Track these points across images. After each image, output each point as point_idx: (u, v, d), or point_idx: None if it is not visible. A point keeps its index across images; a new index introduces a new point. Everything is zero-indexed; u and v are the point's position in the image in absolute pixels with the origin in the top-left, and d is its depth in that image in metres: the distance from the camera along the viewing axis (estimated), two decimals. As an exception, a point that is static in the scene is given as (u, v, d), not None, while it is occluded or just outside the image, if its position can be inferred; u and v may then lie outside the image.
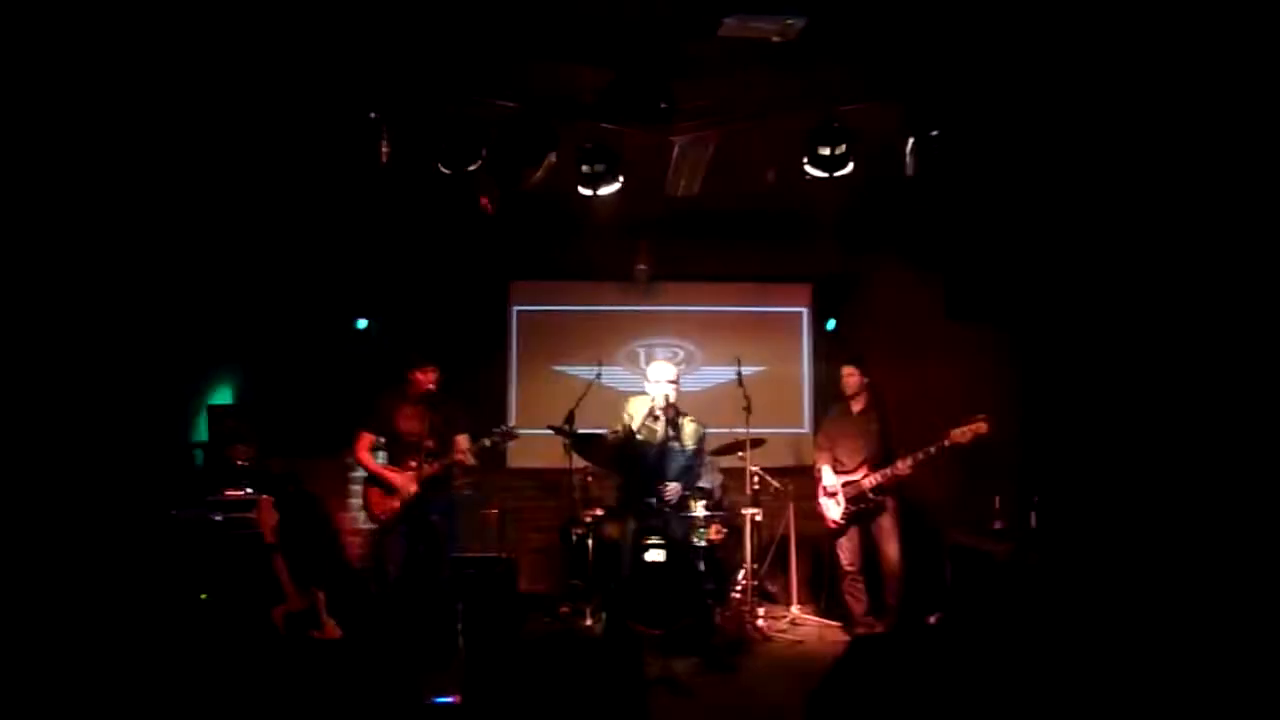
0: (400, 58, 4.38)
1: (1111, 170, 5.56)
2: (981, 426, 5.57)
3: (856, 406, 6.14)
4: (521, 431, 5.73)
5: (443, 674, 4.87)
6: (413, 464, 5.37)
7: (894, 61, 4.38)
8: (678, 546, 5.55)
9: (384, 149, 4.39)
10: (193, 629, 4.96)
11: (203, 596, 5.10)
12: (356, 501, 6.38)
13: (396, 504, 5.43)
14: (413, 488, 5.38)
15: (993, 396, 6.64)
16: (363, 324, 7.16)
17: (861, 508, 5.96)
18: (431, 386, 5.56)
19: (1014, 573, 5.79)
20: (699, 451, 5.52)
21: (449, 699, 4.32)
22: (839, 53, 4.27)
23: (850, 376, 6.11)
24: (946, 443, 5.64)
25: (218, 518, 5.28)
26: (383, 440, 5.68)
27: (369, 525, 6.03)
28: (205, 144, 5.10)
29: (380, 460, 5.61)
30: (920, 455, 5.72)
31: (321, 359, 6.95)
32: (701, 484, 5.86)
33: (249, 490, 5.39)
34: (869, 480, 5.90)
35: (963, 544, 6.27)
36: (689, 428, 5.48)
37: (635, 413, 5.51)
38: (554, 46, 4.29)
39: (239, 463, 5.46)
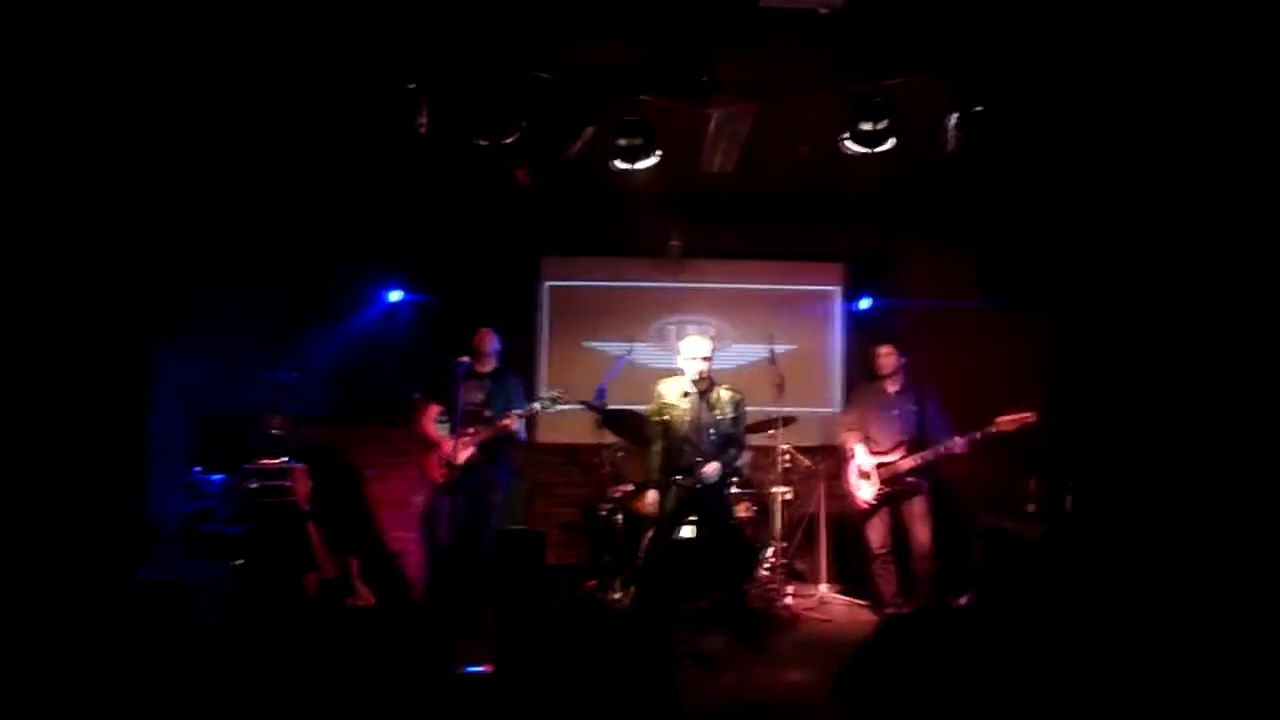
0: (439, 28, 4.36)
1: (1150, 154, 5.47)
2: (1029, 417, 5.55)
3: (892, 387, 6.09)
4: (566, 400, 5.74)
5: (474, 643, 4.92)
6: (470, 432, 5.44)
7: (938, 35, 4.30)
8: (710, 524, 5.54)
9: (422, 120, 4.36)
10: (226, 594, 5.03)
11: (237, 562, 5.17)
12: (392, 471, 6.44)
13: (449, 470, 5.48)
14: (466, 453, 5.44)
15: (1028, 377, 6.60)
16: (394, 297, 7.19)
17: (895, 489, 5.92)
18: (492, 351, 5.62)
19: (1046, 555, 5.76)
20: (738, 419, 5.47)
21: (480, 669, 4.35)
22: (882, 26, 4.20)
23: (888, 356, 6.06)
24: (994, 429, 5.61)
25: (253, 485, 5.35)
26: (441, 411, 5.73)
27: (421, 494, 6.12)
28: (245, 116, 5.12)
29: (443, 430, 5.65)
30: (971, 438, 5.69)
31: (354, 331, 7.00)
32: (738, 460, 5.83)
33: (284, 459, 5.45)
34: (907, 462, 5.85)
35: (995, 526, 6.24)
36: (725, 395, 5.44)
37: (667, 392, 5.49)
38: (592, 18, 4.25)
39: (275, 431, 5.51)
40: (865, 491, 6.01)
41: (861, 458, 6.05)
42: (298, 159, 5.90)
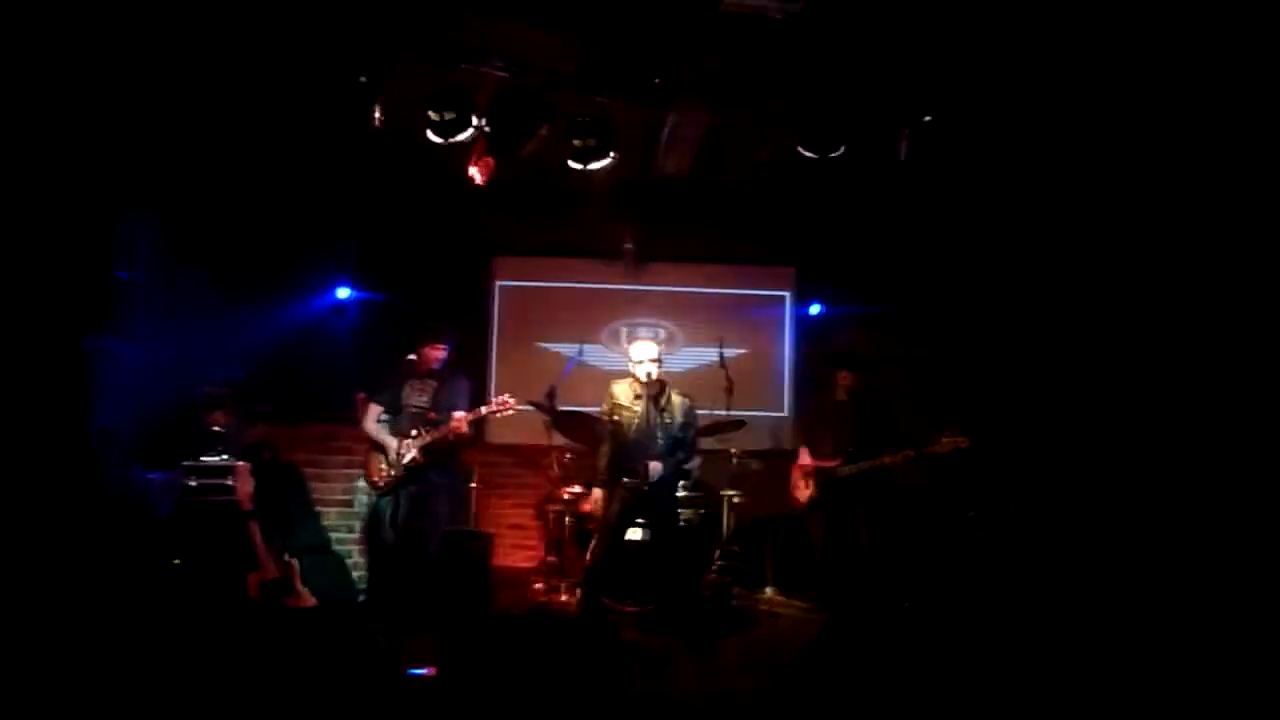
0: (392, 22, 4.32)
1: (1093, 162, 5.60)
2: (963, 442, 5.65)
3: (840, 395, 6.18)
4: (519, 405, 5.68)
5: (418, 645, 4.87)
6: (413, 433, 5.37)
7: (891, 45, 4.36)
8: (659, 526, 5.55)
9: (377, 114, 4.32)
10: (165, 595, 4.93)
11: (175, 562, 5.06)
12: (337, 471, 6.35)
13: (394, 471, 5.41)
14: (411, 455, 5.36)
15: (969, 387, 6.72)
16: (343, 294, 7.10)
17: (831, 493, 6.01)
18: (439, 362, 5.55)
19: (987, 558, 5.87)
20: (688, 425, 5.50)
21: (424, 670, 4.31)
22: (835, 33, 4.25)
23: (844, 380, 6.13)
24: (927, 449, 5.72)
25: (193, 483, 5.24)
26: (383, 411, 5.65)
27: (366, 493, 6.04)
28: (192, 108, 5.03)
29: (384, 430, 5.57)
30: (902, 456, 5.80)
31: (301, 328, 6.90)
32: (687, 465, 5.85)
33: (226, 457, 5.34)
34: (845, 470, 5.95)
35: (937, 529, 6.35)
36: (676, 400, 5.47)
37: (619, 394, 5.49)
38: (549, 17, 4.24)
39: (216, 429, 5.40)
40: (802, 492, 6.10)
41: (805, 460, 6.13)
42: (248, 152, 5.80)
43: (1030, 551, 5.86)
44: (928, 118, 4.49)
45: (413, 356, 5.53)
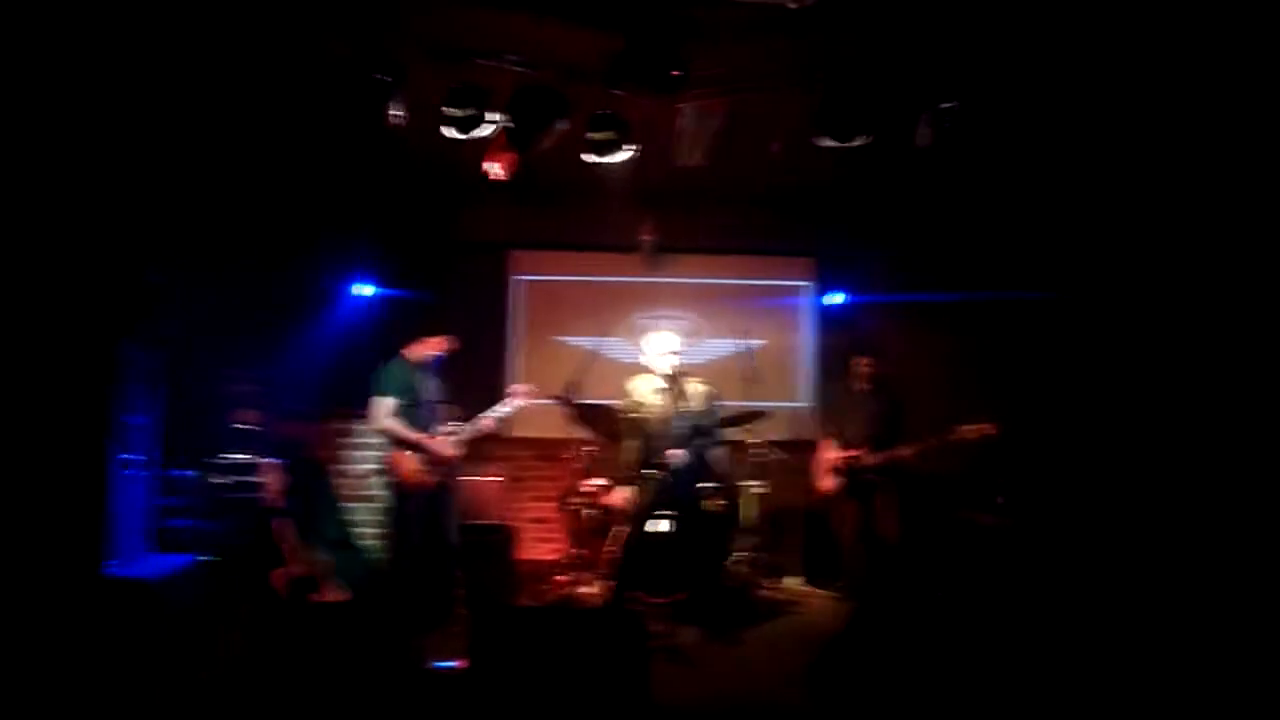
0: (406, 16, 4.33)
1: (1110, 161, 5.55)
2: (989, 429, 5.63)
3: (862, 384, 6.18)
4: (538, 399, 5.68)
5: (444, 639, 4.91)
6: (452, 430, 5.36)
7: (909, 31, 4.33)
8: (683, 517, 5.55)
9: (394, 113, 4.33)
10: (196, 591, 4.98)
11: (208, 558, 5.12)
12: (358, 466, 6.38)
13: (435, 470, 5.36)
14: (452, 452, 5.37)
15: (993, 375, 6.68)
16: (363, 291, 7.14)
17: (855, 483, 6.00)
18: (444, 353, 5.54)
19: (1014, 548, 5.85)
20: (709, 412, 5.50)
21: (451, 664, 4.34)
22: (852, 21, 4.22)
23: (866, 367, 6.12)
24: (953, 438, 5.71)
25: (224, 480, 5.30)
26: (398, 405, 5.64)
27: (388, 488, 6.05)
28: (214, 109, 5.07)
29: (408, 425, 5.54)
30: (923, 446, 5.80)
31: (322, 325, 6.95)
32: (710, 453, 5.85)
33: (256, 454, 5.39)
34: (868, 459, 5.95)
35: (964, 519, 6.33)
36: (698, 389, 5.47)
37: (639, 389, 5.49)
38: (564, 10, 4.23)
39: (246, 426, 5.45)
40: (827, 483, 6.12)
41: (829, 451, 6.12)
42: (270, 151, 5.84)
43: (1057, 540, 5.83)
44: (948, 104, 4.45)
45: (425, 351, 5.51)
